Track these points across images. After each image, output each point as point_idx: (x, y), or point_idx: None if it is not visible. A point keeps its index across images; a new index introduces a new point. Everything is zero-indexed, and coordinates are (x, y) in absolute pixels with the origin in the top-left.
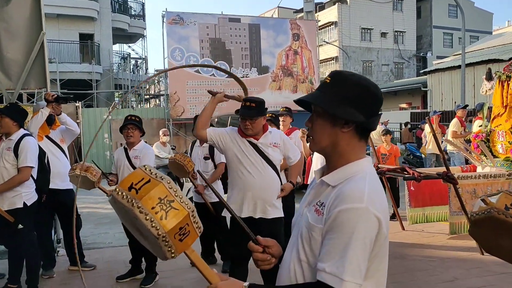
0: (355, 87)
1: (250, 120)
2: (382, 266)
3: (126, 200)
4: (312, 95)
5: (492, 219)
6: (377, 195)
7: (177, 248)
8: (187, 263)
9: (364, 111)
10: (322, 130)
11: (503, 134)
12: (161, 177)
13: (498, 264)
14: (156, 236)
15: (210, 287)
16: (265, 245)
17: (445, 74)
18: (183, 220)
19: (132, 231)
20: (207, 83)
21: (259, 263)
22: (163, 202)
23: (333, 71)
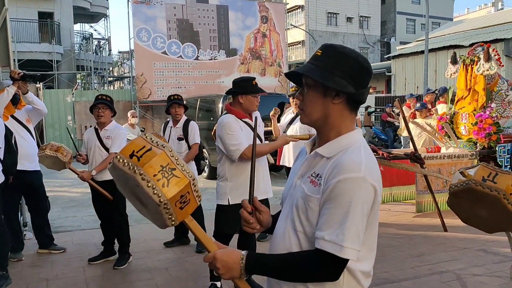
0: (346, 59)
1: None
2: (374, 233)
3: (128, 167)
4: (304, 67)
5: (470, 190)
6: (372, 165)
7: (177, 215)
8: (160, 244)
9: (354, 83)
10: (314, 102)
11: (466, 116)
12: (162, 145)
13: (461, 240)
14: (158, 203)
15: (209, 255)
16: (257, 208)
17: (408, 59)
18: (184, 188)
19: (130, 199)
20: (175, 64)
21: (242, 223)
22: (165, 169)
23: (324, 43)
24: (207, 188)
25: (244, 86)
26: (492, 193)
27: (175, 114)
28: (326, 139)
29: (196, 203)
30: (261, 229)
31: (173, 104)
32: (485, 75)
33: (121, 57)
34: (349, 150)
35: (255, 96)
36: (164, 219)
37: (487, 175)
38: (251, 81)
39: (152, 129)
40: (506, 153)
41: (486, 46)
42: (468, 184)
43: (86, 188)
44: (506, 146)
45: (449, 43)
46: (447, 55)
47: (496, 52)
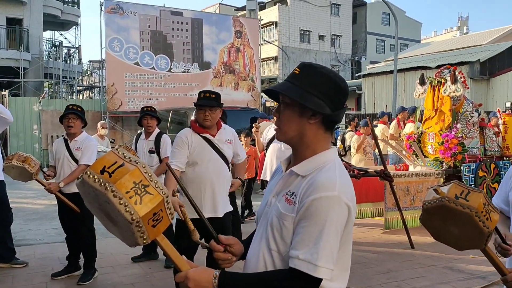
0: (324, 79)
1: (209, 110)
2: (348, 252)
3: (99, 184)
4: (282, 85)
5: (443, 207)
6: (347, 184)
7: (149, 234)
8: (127, 259)
9: (331, 104)
10: (290, 120)
11: (433, 135)
12: (135, 161)
13: (427, 257)
14: (130, 221)
15: (181, 275)
16: (227, 244)
17: (377, 78)
18: (157, 206)
19: (97, 215)
20: (147, 76)
21: (220, 263)
22: (138, 186)
23: (303, 62)
24: None
25: (198, 99)
26: (464, 210)
27: (147, 126)
28: (301, 158)
29: (169, 220)
30: (237, 259)
31: (146, 116)
32: (451, 97)
33: (91, 66)
34: (324, 169)
35: (201, 109)
36: (136, 238)
37: (460, 192)
38: (201, 93)
39: (122, 140)
40: (471, 172)
41: (453, 69)
42: (442, 201)
43: (50, 200)
44: (471, 166)
45: (417, 64)
46: (415, 76)
47: (462, 74)
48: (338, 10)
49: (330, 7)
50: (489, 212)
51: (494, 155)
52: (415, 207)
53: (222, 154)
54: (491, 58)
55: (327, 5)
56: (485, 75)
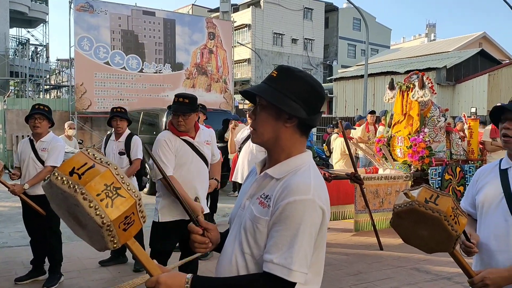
0: (301, 83)
1: (183, 116)
2: (321, 255)
3: (68, 186)
4: (259, 88)
5: (413, 211)
6: (321, 187)
7: (120, 238)
8: (95, 263)
9: (307, 108)
10: (266, 123)
11: (402, 139)
12: (107, 162)
13: (396, 258)
14: (100, 225)
15: (152, 279)
16: (206, 228)
17: (348, 82)
18: (129, 209)
19: (64, 218)
20: (118, 76)
21: (196, 245)
22: (109, 189)
23: (280, 65)
24: (147, 204)
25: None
26: (433, 214)
27: (117, 127)
28: (276, 160)
29: (141, 224)
30: (213, 246)
31: (115, 117)
32: (419, 102)
33: (59, 65)
34: (298, 172)
35: (175, 115)
36: (106, 242)
37: (430, 196)
38: (176, 98)
39: (91, 141)
40: (437, 175)
41: (421, 75)
42: (412, 205)
43: (14, 202)
44: (437, 169)
45: (386, 69)
46: (385, 80)
47: (430, 80)
48: (311, 15)
49: (303, 11)
50: (457, 216)
51: (460, 158)
52: (384, 209)
53: (203, 155)
54: (457, 64)
55: (300, 9)
56: (451, 81)
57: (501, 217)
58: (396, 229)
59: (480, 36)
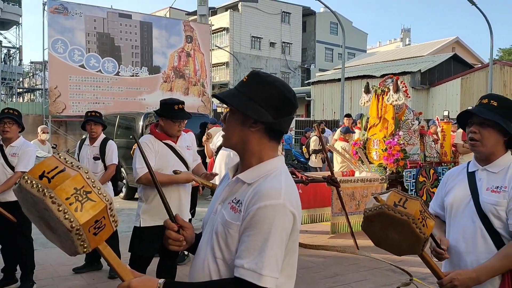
0: (268, 88)
1: (183, 122)
2: (293, 260)
3: (37, 190)
4: (228, 93)
5: (382, 214)
6: (292, 192)
7: (90, 242)
8: (68, 270)
9: (274, 112)
10: (233, 127)
11: (378, 142)
12: (78, 166)
13: (371, 260)
14: (69, 228)
15: (123, 284)
16: (182, 225)
17: (326, 86)
18: (99, 213)
19: (36, 223)
20: (93, 79)
21: (169, 242)
22: (79, 192)
23: (252, 71)
24: (123, 209)
25: (165, 110)
26: (402, 217)
27: (91, 131)
28: (248, 165)
29: (112, 228)
30: (187, 246)
31: (89, 121)
32: (394, 105)
33: (33, 68)
34: (269, 177)
35: (174, 122)
36: (76, 246)
37: (398, 200)
38: (174, 106)
39: (65, 146)
40: (412, 177)
41: (395, 79)
42: (381, 209)
43: None
44: (412, 171)
45: (363, 73)
46: (361, 84)
47: (404, 84)
48: (289, 18)
49: (281, 15)
50: (425, 218)
51: (433, 161)
52: (360, 212)
53: (184, 160)
54: (431, 68)
55: (278, 13)
56: (425, 84)
57: (469, 219)
58: (367, 233)
59: (453, 41)
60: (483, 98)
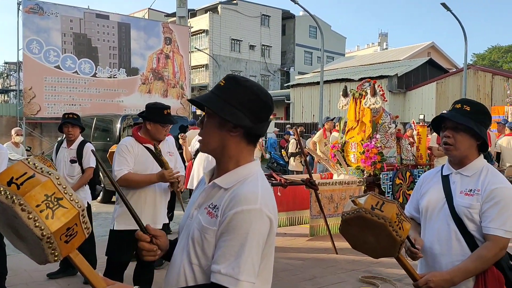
0: (246, 92)
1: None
2: (269, 264)
3: (5, 196)
4: (205, 96)
5: (360, 218)
6: (268, 196)
7: (61, 250)
8: (43, 276)
9: (252, 116)
10: (212, 132)
11: (355, 145)
12: (48, 172)
13: (349, 262)
14: (40, 237)
15: None
16: (154, 235)
17: (305, 89)
18: (71, 220)
19: (4, 231)
20: (69, 80)
21: (143, 253)
22: (50, 199)
23: (229, 74)
24: (100, 213)
25: (153, 113)
26: (379, 221)
27: (68, 134)
28: (224, 170)
29: (84, 235)
30: (161, 253)
31: (66, 123)
32: (371, 109)
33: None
34: (246, 182)
35: (163, 126)
36: (46, 255)
37: (375, 203)
38: (163, 110)
39: (40, 148)
40: (389, 180)
41: (372, 82)
42: (359, 212)
43: None
44: (389, 174)
45: (341, 76)
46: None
47: (381, 88)
48: (268, 22)
49: (260, 18)
50: (401, 221)
51: (409, 163)
52: (338, 214)
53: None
54: (407, 72)
55: (257, 16)
56: (402, 88)
57: (443, 222)
58: (345, 235)
59: (428, 46)
60: (456, 103)
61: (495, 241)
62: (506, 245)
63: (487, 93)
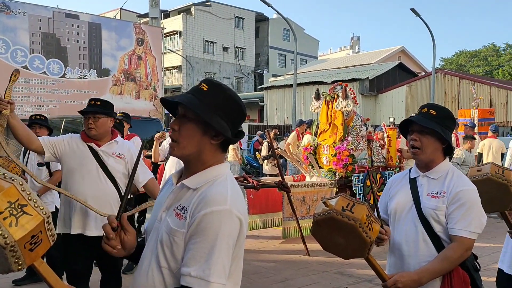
0: (231, 103)
1: (93, 118)
2: (239, 266)
3: None
4: (190, 99)
5: (331, 219)
6: (238, 197)
7: (26, 259)
8: (8, 283)
9: (233, 127)
10: (191, 136)
11: (327, 147)
12: (11, 177)
13: (321, 263)
14: (3, 245)
15: None
16: (124, 227)
17: (279, 91)
18: (36, 228)
19: None
20: (37, 81)
21: (104, 240)
22: (13, 206)
23: (209, 79)
24: None
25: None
26: (349, 222)
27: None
28: (193, 171)
29: (49, 243)
30: (123, 252)
31: (34, 125)
32: (343, 111)
33: None
34: (215, 183)
35: (85, 117)
36: (9, 264)
37: (346, 205)
38: (89, 101)
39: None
40: (360, 182)
41: (344, 86)
42: (330, 214)
43: None
44: (360, 176)
45: (314, 79)
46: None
47: (352, 91)
48: (242, 24)
49: (234, 20)
50: (371, 223)
51: (380, 165)
52: (310, 216)
53: (106, 168)
54: (378, 76)
55: (231, 17)
56: (373, 91)
57: (411, 223)
58: (316, 237)
59: (398, 50)
60: (423, 107)
61: (460, 242)
62: (471, 245)
63: (455, 97)
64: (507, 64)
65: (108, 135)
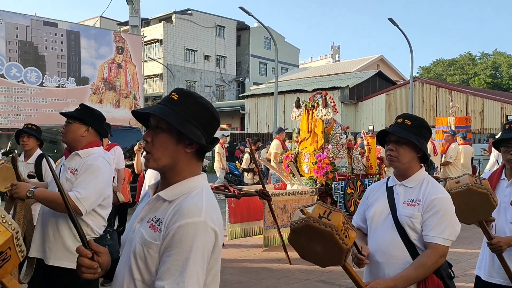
0: (203, 111)
1: (66, 122)
2: (216, 278)
3: None
4: (161, 110)
5: (308, 227)
6: (213, 209)
7: None
8: None
9: (207, 134)
10: (165, 147)
11: (308, 156)
12: None
13: (303, 271)
14: None
15: None
16: (96, 251)
17: (260, 99)
18: (4, 244)
19: None
20: (14, 89)
21: (83, 270)
22: None
23: (180, 88)
24: None
25: None
26: (326, 229)
27: (22, 143)
28: (170, 183)
29: (19, 259)
30: (102, 272)
31: (22, 133)
32: (323, 120)
33: None
34: (191, 195)
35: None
36: None
37: (323, 212)
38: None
39: None
40: (341, 189)
41: (324, 94)
42: (307, 221)
43: None
44: (340, 184)
45: (295, 87)
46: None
47: (332, 99)
48: (223, 32)
49: (215, 28)
50: (347, 230)
51: (360, 173)
52: None
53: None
54: (358, 84)
55: (212, 26)
56: (353, 99)
57: (387, 231)
58: (294, 245)
59: (378, 59)
60: (398, 118)
61: (434, 249)
62: (445, 252)
63: (432, 105)
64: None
65: (79, 145)
